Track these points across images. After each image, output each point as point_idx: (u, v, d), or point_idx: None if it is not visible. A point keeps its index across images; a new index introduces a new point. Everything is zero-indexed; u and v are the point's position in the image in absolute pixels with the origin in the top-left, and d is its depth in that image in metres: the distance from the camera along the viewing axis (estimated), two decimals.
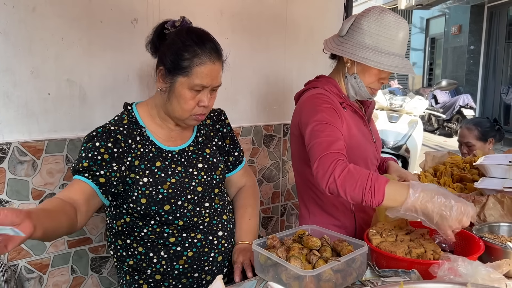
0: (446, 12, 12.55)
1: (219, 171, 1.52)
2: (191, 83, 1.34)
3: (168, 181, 1.38)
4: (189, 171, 1.45)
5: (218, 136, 1.61)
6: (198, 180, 1.45)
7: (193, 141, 1.52)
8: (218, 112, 1.65)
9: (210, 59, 1.35)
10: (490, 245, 1.29)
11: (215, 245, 1.45)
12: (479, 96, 11.07)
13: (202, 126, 1.58)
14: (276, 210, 2.64)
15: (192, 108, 1.38)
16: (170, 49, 1.37)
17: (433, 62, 14.28)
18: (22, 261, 1.73)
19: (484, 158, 1.80)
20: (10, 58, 1.63)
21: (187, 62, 1.33)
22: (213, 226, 1.46)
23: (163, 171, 1.39)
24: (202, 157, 1.50)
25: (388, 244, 1.28)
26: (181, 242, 1.41)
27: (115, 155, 1.34)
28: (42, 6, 1.67)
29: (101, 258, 1.93)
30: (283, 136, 2.58)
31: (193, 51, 1.34)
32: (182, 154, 1.47)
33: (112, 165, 1.33)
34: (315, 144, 1.40)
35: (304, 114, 1.55)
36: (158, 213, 1.38)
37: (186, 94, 1.35)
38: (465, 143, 2.75)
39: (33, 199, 1.73)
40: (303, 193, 1.73)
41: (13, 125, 1.67)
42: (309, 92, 1.62)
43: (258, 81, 2.42)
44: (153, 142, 1.44)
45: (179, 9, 2.01)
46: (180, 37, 1.37)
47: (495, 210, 1.49)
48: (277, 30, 2.46)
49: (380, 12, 1.50)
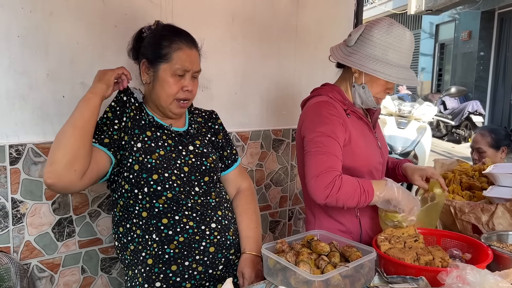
0: (456, 17, 12.50)
1: (210, 159, 1.57)
2: (172, 68, 1.46)
3: (157, 152, 1.47)
4: (179, 147, 1.52)
5: (210, 132, 1.68)
6: (185, 161, 1.51)
7: (185, 131, 1.59)
8: (210, 112, 1.75)
9: (187, 45, 1.49)
10: (499, 254, 1.29)
11: (207, 235, 1.47)
12: (489, 103, 10.99)
13: (193, 122, 1.65)
14: (284, 214, 2.65)
15: (176, 92, 1.48)
16: (149, 42, 1.51)
17: (442, 67, 14.21)
18: (34, 260, 1.76)
19: (493, 167, 1.80)
20: (27, 61, 1.67)
21: (166, 49, 1.47)
22: (206, 217, 1.49)
23: (153, 141, 1.48)
24: (192, 145, 1.57)
25: (396, 250, 1.30)
26: (173, 225, 1.44)
27: (117, 112, 1.48)
28: (59, 11, 1.71)
29: (111, 259, 1.96)
30: (292, 141, 2.59)
31: (171, 39, 1.48)
32: (175, 132, 1.55)
33: (114, 122, 1.46)
34: (314, 157, 1.48)
35: (307, 121, 1.59)
36: (147, 182, 1.43)
37: (169, 80, 1.47)
38: (476, 149, 2.73)
39: (46, 199, 1.76)
40: (309, 198, 1.75)
41: (28, 126, 1.70)
42: (313, 100, 1.65)
43: (268, 86, 2.45)
44: (147, 113, 1.54)
45: (192, 15, 2.04)
46: (157, 31, 1.53)
47: (504, 218, 1.50)
48: (288, 36, 2.48)
49: (390, 24, 1.51)
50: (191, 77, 1.51)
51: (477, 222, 1.53)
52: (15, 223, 1.71)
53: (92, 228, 1.89)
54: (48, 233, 1.78)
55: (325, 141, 1.48)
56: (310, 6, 2.53)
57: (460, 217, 1.56)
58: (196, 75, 1.53)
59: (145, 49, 1.51)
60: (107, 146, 1.43)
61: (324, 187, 1.40)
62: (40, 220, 1.76)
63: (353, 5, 2.77)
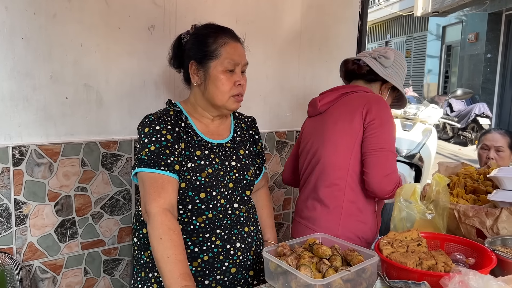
0: (463, 19, 12.42)
1: (251, 172, 1.54)
2: (223, 63, 1.41)
3: (206, 170, 1.41)
4: (225, 164, 1.48)
5: (250, 141, 1.64)
6: (229, 177, 1.47)
7: (231, 139, 1.55)
8: (252, 119, 1.70)
9: (232, 39, 1.45)
10: (503, 259, 1.27)
11: (231, 255, 1.44)
12: (496, 105, 10.90)
13: (238, 128, 1.61)
14: (287, 217, 2.64)
15: (230, 88, 1.43)
16: (193, 44, 1.46)
17: (449, 69, 14.12)
18: (37, 261, 1.77)
19: (498, 170, 1.78)
20: (30, 62, 1.68)
21: (213, 45, 1.42)
22: (233, 235, 1.46)
23: (202, 159, 1.43)
24: (236, 156, 1.52)
25: (398, 254, 1.28)
26: (201, 243, 1.41)
27: (175, 136, 1.40)
28: (62, 13, 1.72)
29: (114, 261, 1.96)
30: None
31: (215, 35, 1.43)
32: (220, 147, 1.49)
33: (175, 146, 1.38)
34: (389, 156, 1.64)
35: (382, 112, 1.67)
36: (193, 200, 1.39)
37: (222, 77, 1.42)
38: (497, 148, 2.64)
39: (49, 200, 1.77)
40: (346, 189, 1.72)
41: (31, 128, 1.71)
42: (372, 95, 1.77)
43: (272, 88, 2.44)
44: (195, 131, 1.47)
45: (195, 16, 2.04)
46: (199, 32, 1.48)
47: (509, 223, 1.47)
48: (292, 37, 2.47)
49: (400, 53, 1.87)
50: (241, 71, 1.47)
51: (481, 226, 1.50)
52: (18, 224, 1.71)
53: (95, 229, 1.89)
54: (51, 235, 1.79)
55: (394, 143, 1.68)
56: (314, 8, 2.53)
57: (464, 221, 1.54)
58: (245, 69, 1.49)
59: (190, 51, 1.46)
60: (176, 173, 1.37)
61: (394, 186, 1.61)
62: (43, 222, 1.76)
63: (358, 7, 2.76)
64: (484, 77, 11.02)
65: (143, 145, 1.36)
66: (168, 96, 2.02)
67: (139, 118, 1.45)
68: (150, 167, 1.33)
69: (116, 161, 1.91)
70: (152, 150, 1.34)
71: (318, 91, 2.61)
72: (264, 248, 1.33)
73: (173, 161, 1.35)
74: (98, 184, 1.88)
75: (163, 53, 1.96)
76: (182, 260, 1.22)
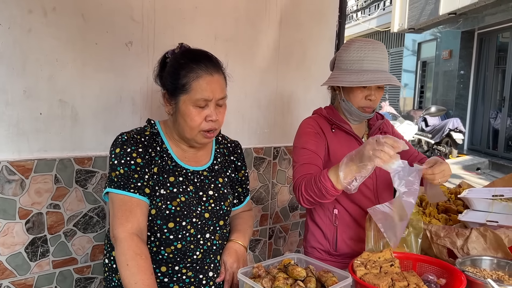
0: (438, 36, 12.77)
1: (227, 202, 1.50)
2: (192, 99, 1.34)
3: (178, 198, 1.37)
4: (199, 193, 1.43)
5: (231, 168, 1.59)
6: (205, 207, 1.43)
7: (209, 167, 1.51)
8: (235, 144, 1.64)
9: (207, 71, 1.35)
10: (472, 280, 1.31)
11: (203, 285, 1.42)
12: (469, 120, 11.20)
13: (219, 154, 1.57)
14: (264, 233, 2.64)
15: (199, 124, 1.36)
16: (168, 72, 1.40)
17: (424, 84, 14.46)
18: (5, 281, 1.71)
19: (468, 191, 1.83)
20: (3, 77, 1.64)
21: (184, 79, 1.34)
22: (205, 265, 1.43)
23: (175, 186, 1.39)
24: (214, 185, 1.48)
25: (371, 276, 1.30)
26: (171, 274, 1.39)
27: (146, 159, 1.36)
28: (38, 28, 1.69)
29: (86, 279, 1.92)
30: (273, 159, 2.60)
31: (188, 68, 1.35)
32: (196, 175, 1.45)
33: (145, 170, 1.35)
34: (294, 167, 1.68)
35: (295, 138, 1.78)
36: (161, 229, 1.36)
37: (191, 111, 1.35)
38: None
39: (20, 218, 1.72)
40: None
41: (2, 144, 1.67)
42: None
43: (250, 105, 2.45)
44: (171, 155, 1.43)
45: (173, 33, 2.04)
46: (175, 59, 1.40)
47: (478, 243, 1.51)
48: (270, 55, 2.50)
49: (350, 41, 1.71)
50: (215, 105, 1.38)
51: (452, 246, 1.54)
52: None
53: (67, 247, 1.85)
54: (21, 253, 1.74)
55: (297, 153, 1.69)
56: (292, 26, 2.56)
57: (436, 241, 1.58)
58: (221, 102, 1.40)
59: (165, 79, 1.40)
60: (147, 195, 1.35)
61: (296, 192, 1.60)
62: (12, 240, 1.72)
63: (335, 25, 2.82)
64: (457, 92, 11.32)
65: (112, 166, 1.34)
66: (145, 112, 2.00)
67: (115, 134, 1.42)
68: (120, 188, 1.31)
69: (90, 178, 1.88)
70: (121, 173, 1.32)
71: (296, 108, 2.65)
72: (239, 269, 1.32)
73: (142, 184, 1.33)
74: (71, 201, 1.84)
75: (141, 69, 1.97)
76: (150, 285, 1.21)
